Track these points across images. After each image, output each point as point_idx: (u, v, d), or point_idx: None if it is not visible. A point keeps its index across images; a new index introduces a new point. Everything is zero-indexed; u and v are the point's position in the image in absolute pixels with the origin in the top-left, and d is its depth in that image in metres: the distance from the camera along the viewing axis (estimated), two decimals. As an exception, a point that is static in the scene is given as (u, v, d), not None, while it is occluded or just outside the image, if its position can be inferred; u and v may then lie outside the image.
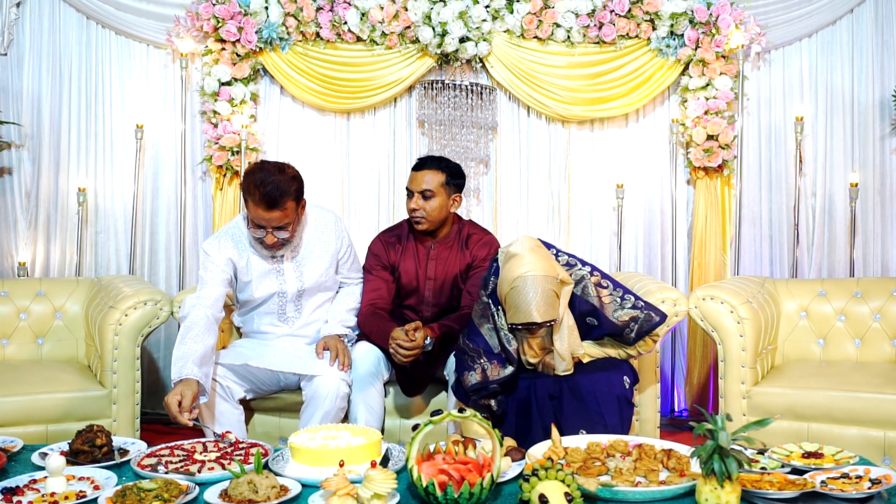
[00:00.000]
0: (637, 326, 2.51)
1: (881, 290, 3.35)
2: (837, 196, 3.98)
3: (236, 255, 2.83)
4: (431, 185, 2.92)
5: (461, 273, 3.00)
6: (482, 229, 3.12)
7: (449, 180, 2.96)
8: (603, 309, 2.49)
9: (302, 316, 2.94)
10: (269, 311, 2.92)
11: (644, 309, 2.52)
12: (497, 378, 2.45)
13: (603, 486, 1.80)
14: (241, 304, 2.98)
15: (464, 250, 3.02)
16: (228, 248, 2.82)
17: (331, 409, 2.69)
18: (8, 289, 3.43)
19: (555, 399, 2.47)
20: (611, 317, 2.49)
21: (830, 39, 3.97)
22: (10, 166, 4.00)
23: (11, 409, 2.79)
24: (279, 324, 2.93)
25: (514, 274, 2.37)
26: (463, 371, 2.51)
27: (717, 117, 3.84)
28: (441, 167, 2.96)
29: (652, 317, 2.52)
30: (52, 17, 3.98)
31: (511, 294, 2.37)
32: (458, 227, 3.08)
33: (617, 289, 2.54)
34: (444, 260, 3.00)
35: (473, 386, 2.47)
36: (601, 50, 3.92)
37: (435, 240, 3.03)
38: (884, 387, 2.83)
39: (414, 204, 2.93)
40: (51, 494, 1.84)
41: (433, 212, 2.94)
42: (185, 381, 2.48)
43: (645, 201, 4.08)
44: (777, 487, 1.79)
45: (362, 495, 1.71)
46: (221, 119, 3.86)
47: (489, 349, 2.49)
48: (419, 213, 2.93)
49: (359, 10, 3.79)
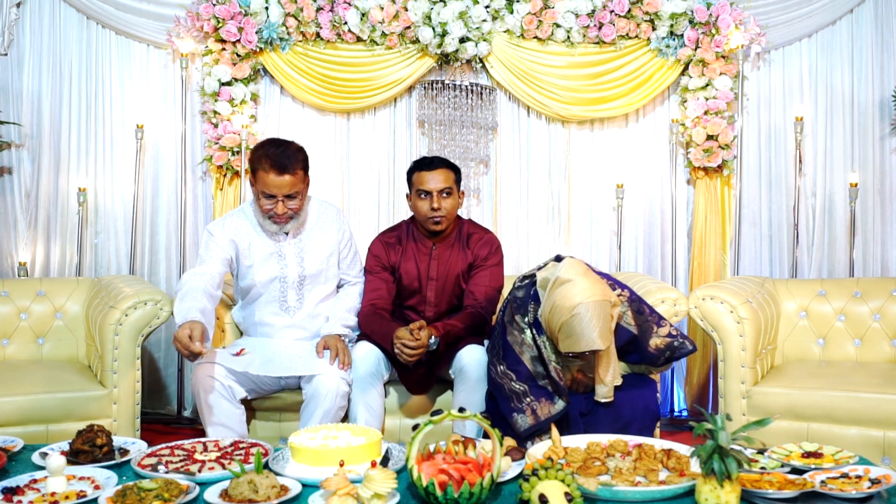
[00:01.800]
0: (669, 354, 2.52)
1: (881, 290, 3.35)
2: (837, 196, 3.99)
3: (239, 237, 2.88)
4: (448, 182, 2.95)
5: (463, 273, 3.00)
6: (482, 228, 3.13)
7: (458, 178, 3.02)
8: (642, 337, 2.48)
9: (303, 307, 2.95)
10: (271, 300, 2.93)
11: (679, 338, 2.52)
12: (550, 416, 2.42)
13: (603, 485, 1.80)
14: (243, 294, 2.98)
15: (465, 249, 3.02)
16: (232, 230, 2.88)
17: (331, 407, 2.70)
18: (8, 289, 3.43)
19: (585, 416, 2.46)
20: (648, 345, 2.49)
21: (830, 39, 3.97)
22: (10, 166, 4.00)
23: (12, 409, 2.79)
24: (280, 313, 2.94)
25: (572, 301, 2.29)
26: (512, 413, 2.45)
27: (716, 117, 3.85)
28: (450, 166, 3.01)
29: (686, 345, 2.53)
30: (52, 17, 3.99)
31: (571, 321, 2.29)
32: (458, 226, 3.08)
33: (653, 315, 2.53)
34: (446, 260, 3.00)
35: (527, 430, 2.42)
36: (601, 50, 3.93)
37: (437, 239, 3.03)
38: (884, 387, 2.83)
39: (436, 203, 2.92)
40: (51, 494, 1.84)
41: (452, 210, 2.97)
42: (191, 322, 2.52)
43: (645, 201, 4.08)
44: (777, 487, 1.79)
45: (362, 495, 1.71)
46: (222, 119, 3.86)
47: (534, 382, 2.45)
48: (441, 212, 2.92)
49: (359, 10, 3.79)
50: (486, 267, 3.00)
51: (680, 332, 2.55)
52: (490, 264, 3.01)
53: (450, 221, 2.98)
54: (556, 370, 2.44)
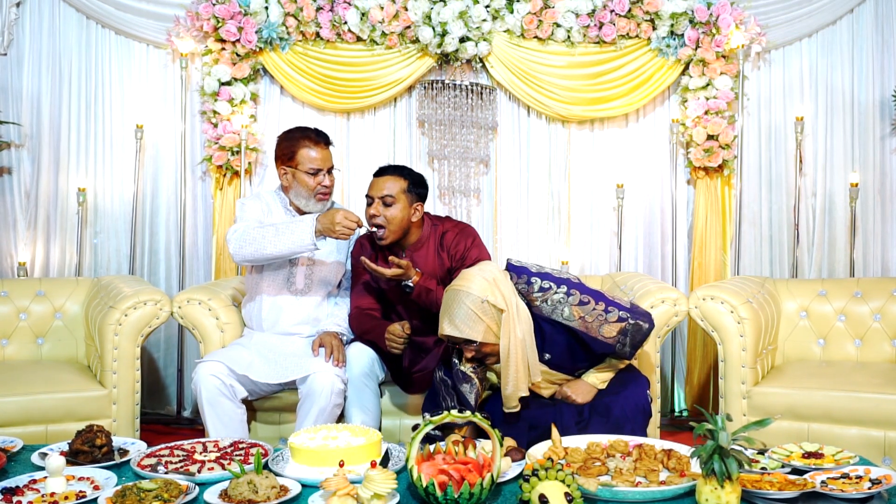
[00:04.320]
0: (629, 339, 2.44)
1: (881, 290, 3.35)
2: (837, 196, 3.98)
3: (268, 209, 2.97)
4: (392, 191, 2.82)
5: (441, 277, 2.89)
6: (457, 223, 3.00)
7: (410, 188, 2.85)
8: (588, 330, 2.41)
9: (311, 292, 2.97)
10: (278, 278, 2.94)
11: (631, 318, 2.43)
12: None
13: (603, 486, 1.80)
14: (253, 281, 2.99)
15: (440, 252, 2.93)
16: (263, 202, 2.99)
17: (326, 405, 2.69)
18: (8, 289, 3.43)
19: (580, 423, 2.45)
20: (598, 335, 2.41)
21: (830, 39, 3.97)
22: (10, 166, 4.00)
23: (11, 409, 2.79)
24: (284, 290, 2.95)
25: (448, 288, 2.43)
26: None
27: (717, 117, 3.84)
28: (402, 174, 2.88)
29: (640, 326, 2.45)
30: (52, 17, 3.98)
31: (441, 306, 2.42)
32: (430, 227, 2.96)
33: (599, 302, 2.44)
34: (423, 265, 2.89)
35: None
36: (601, 50, 3.92)
37: (405, 248, 2.92)
38: (884, 387, 2.83)
39: (373, 210, 2.83)
40: (51, 494, 1.84)
41: (393, 219, 2.82)
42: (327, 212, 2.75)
43: (645, 201, 4.07)
44: (777, 487, 1.79)
45: (362, 495, 1.71)
46: (221, 119, 3.86)
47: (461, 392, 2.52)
48: (378, 219, 2.82)
49: (359, 10, 3.79)
50: (469, 259, 2.88)
51: (632, 310, 2.46)
52: (472, 257, 2.89)
53: (393, 232, 2.84)
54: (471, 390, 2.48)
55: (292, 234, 2.71)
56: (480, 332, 2.35)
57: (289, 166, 2.93)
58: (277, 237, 2.72)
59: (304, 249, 2.73)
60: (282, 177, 2.96)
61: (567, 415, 2.46)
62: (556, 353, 2.48)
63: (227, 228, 3.87)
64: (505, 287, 2.40)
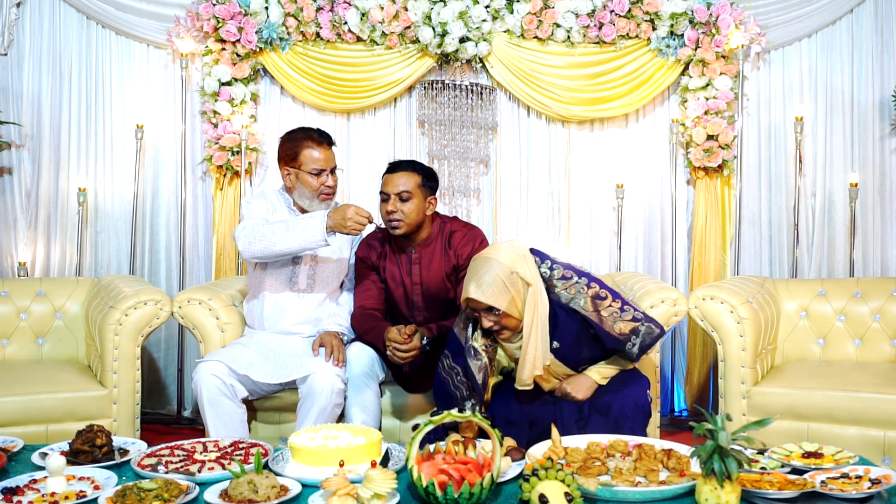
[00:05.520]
0: (639, 340, 2.47)
1: (881, 290, 3.35)
2: (837, 196, 3.98)
3: (272, 207, 2.97)
4: (408, 186, 2.84)
5: (448, 275, 2.92)
6: (465, 224, 3.03)
7: (424, 182, 2.88)
8: (602, 323, 2.44)
9: (313, 292, 2.96)
10: (281, 276, 2.94)
11: (644, 321, 2.48)
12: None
13: (603, 486, 1.80)
14: (256, 279, 2.99)
15: (447, 251, 2.94)
16: (268, 201, 3.00)
17: (326, 405, 2.69)
18: (8, 289, 3.43)
19: (580, 421, 2.46)
20: (611, 330, 2.44)
21: (830, 39, 3.97)
22: (10, 166, 4.00)
23: (11, 409, 2.79)
24: (286, 289, 2.94)
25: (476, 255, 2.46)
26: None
27: (716, 117, 3.85)
28: (416, 169, 2.90)
29: (652, 329, 2.48)
30: (52, 17, 3.99)
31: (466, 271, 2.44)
32: (439, 225, 2.98)
33: (616, 300, 2.49)
34: (428, 263, 2.92)
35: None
36: (601, 50, 3.93)
37: (415, 244, 2.94)
38: (884, 387, 2.83)
39: (391, 206, 2.84)
40: (51, 494, 1.84)
41: (411, 214, 2.84)
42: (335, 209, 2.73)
43: (645, 201, 4.08)
44: (777, 487, 1.79)
45: (362, 495, 1.71)
46: (221, 119, 3.86)
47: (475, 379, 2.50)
48: (396, 215, 2.83)
49: (359, 10, 3.79)
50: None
51: (646, 315, 2.50)
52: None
53: (409, 225, 2.86)
54: (480, 367, 2.47)
55: (303, 229, 2.71)
56: (505, 301, 2.37)
57: (292, 167, 2.93)
58: (287, 233, 2.72)
59: (314, 245, 2.73)
60: (285, 177, 2.97)
61: (567, 412, 2.47)
62: (566, 342, 2.49)
63: (227, 228, 3.90)
64: (532, 265, 2.45)
